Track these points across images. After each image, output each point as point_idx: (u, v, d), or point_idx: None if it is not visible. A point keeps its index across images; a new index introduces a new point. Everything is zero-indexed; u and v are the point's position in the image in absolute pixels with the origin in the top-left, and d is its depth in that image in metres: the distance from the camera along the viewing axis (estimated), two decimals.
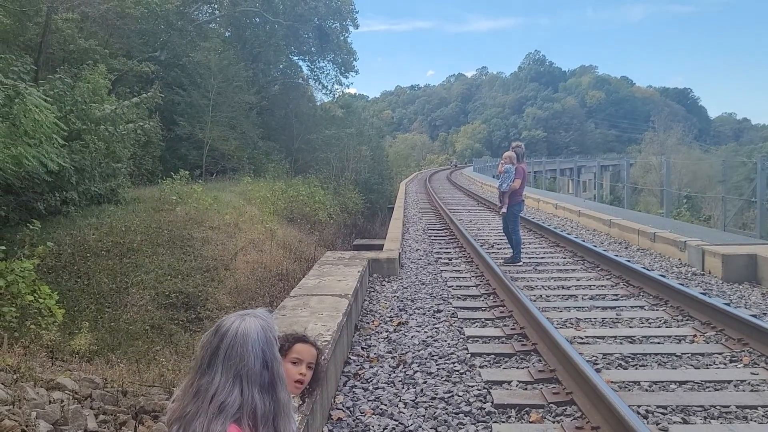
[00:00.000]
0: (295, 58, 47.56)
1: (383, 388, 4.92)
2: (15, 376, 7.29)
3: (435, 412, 4.42)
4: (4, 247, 10.35)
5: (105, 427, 7.64)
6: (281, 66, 45.10)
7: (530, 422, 4.24)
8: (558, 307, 7.26)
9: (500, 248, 11.86)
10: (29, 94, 11.66)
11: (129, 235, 16.59)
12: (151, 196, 20.72)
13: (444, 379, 5.08)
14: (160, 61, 28.83)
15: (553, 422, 4.24)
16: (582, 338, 6.01)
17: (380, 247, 11.30)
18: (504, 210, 10.31)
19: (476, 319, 6.88)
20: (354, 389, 4.90)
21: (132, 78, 26.69)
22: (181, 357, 11.65)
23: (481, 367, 5.35)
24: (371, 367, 5.42)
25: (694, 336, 6.01)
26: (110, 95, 19.74)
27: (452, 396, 4.70)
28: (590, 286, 8.42)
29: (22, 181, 14.22)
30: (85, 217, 17.23)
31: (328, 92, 50.90)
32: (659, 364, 5.29)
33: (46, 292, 9.89)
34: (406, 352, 5.75)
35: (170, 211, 19.04)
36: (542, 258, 10.72)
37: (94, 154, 17.41)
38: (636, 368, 5.22)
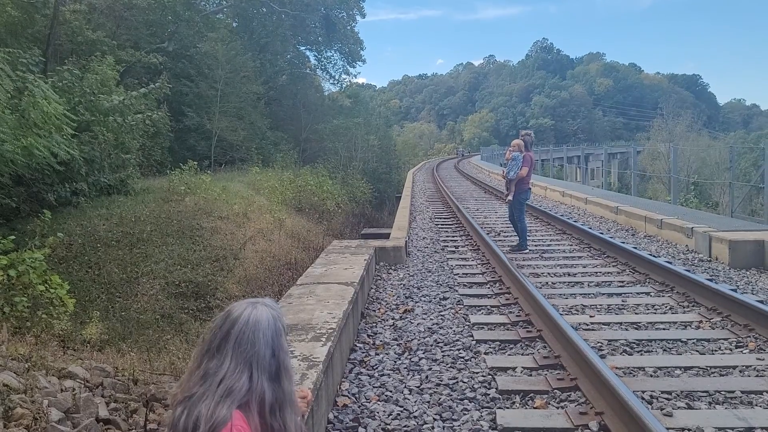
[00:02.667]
0: (302, 48, 47.59)
1: (389, 374, 4.96)
2: (27, 365, 7.39)
3: (440, 399, 4.46)
4: (14, 237, 10.46)
5: (116, 415, 7.74)
6: (288, 56, 45.08)
7: (534, 408, 4.27)
8: (564, 294, 7.28)
9: (507, 236, 11.87)
10: (37, 87, 11.73)
11: (139, 226, 16.70)
12: (160, 187, 20.82)
13: (449, 365, 5.12)
14: (168, 52, 28.87)
15: (558, 408, 4.26)
16: (587, 325, 6.03)
17: (387, 236, 11.33)
18: (510, 198, 10.31)
19: (482, 306, 6.91)
20: (360, 376, 4.95)
21: (140, 69, 26.76)
22: (191, 346, 11.75)
23: (486, 353, 5.38)
24: (377, 354, 5.47)
25: (700, 322, 6.02)
26: (118, 86, 19.79)
27: (457, 382, 4.74)
28: (596, 273, 8.43)
29: (33, 172, 14.31)
30: (95, 208, 17.34)
31: (335, 82, 50.92)
32: (664, 350, 5.30)
33: (57, 282, 9.99)
34: (412, 339, 5.79)
35: (179, 202, 19.13)
36: (549, 245, 10.73)
37: (103, 145, 17.49)
38: (641, 354, 5.24)
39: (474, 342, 5.66)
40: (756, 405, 4.19)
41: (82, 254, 15.02)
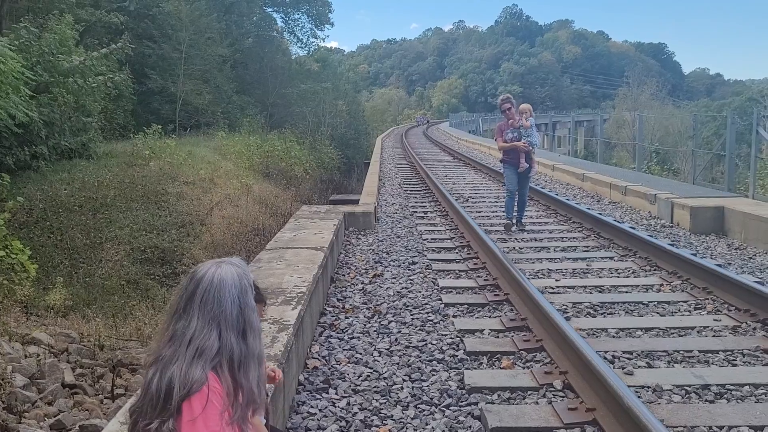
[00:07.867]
0: (269, 9, 46.51)
1: (358, 337, 5.01)
2: None
3: (409, 360, 4.52)
4: None
5: (82, 380, 7.69)
6: (255, 18, 44.03)
7: (501, 368, 4.36)
8: (530, 259, 7.40)
9: (475, 202, 11.98)
10: None
11: (102, 191, 16.38)
12: (123, 151, 20.39)
13: (418, 328, 5.19)
14: (129, 12, 27.94)
15: (523, 368, 4.36)
16: (553, 288, 6.15)
17: (356, 202, 11.33)
18: (535, 168, 9.59)
19: (450, 270, 6.98)
20: (329, 339, 4.99)
21: (101, 29, 25.87)
22: (158, 311, 11.68)
23: (454, 316, 5.45)
24: (346, 317, 5.50)
25: (661, 285, 6.19)
26: (78, 47, 19.14)
27: (426, 344, 4.81)
28: (562, 238, 8.57)
29: None
30: (56, 172, 16.93)
31: (303, 46, 50.06)
32: (626, 312, 5.45)
33: (18, 248, 9.79)
34: (381, 303, 5.84)
35: (143, 166, 18.78)
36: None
37: (63, 107, 16.99)
38: (604, 316, 5.37)
39: (443, 305, 5.73)
40: (712, 363, 4.35)
41: (43, 219, 14.71)
